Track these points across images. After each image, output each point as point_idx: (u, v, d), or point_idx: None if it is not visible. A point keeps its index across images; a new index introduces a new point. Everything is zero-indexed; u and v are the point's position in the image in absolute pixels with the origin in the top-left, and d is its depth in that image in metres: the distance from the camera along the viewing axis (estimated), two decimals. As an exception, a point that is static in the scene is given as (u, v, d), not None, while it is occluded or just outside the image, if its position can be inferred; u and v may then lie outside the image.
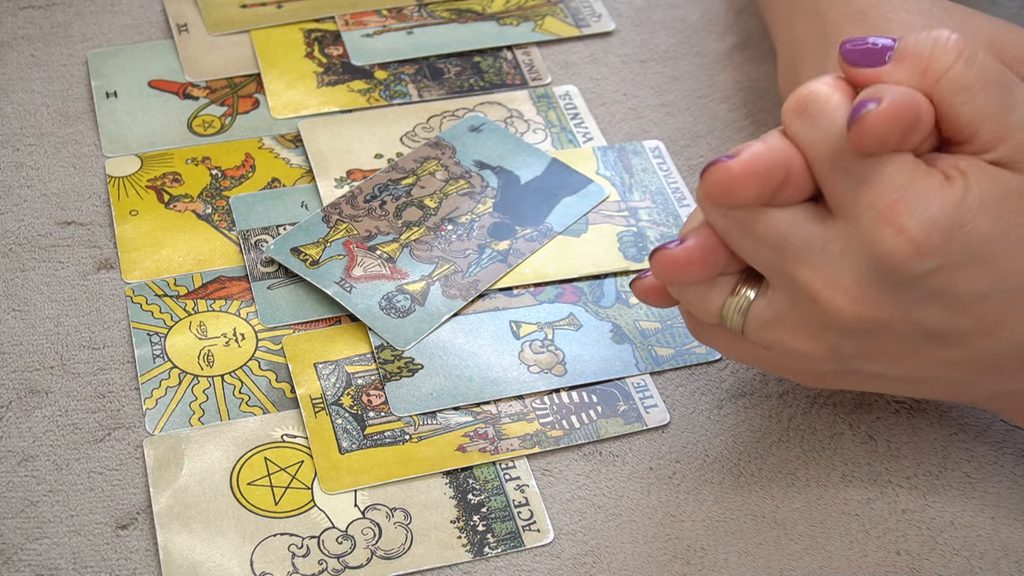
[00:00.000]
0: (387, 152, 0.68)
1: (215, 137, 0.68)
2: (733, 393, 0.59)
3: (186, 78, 0.71)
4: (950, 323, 0.45)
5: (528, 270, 0.62)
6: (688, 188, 0.67)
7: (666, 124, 0.71)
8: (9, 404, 0.56)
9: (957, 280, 0.43)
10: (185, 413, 0.56)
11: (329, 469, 0.54)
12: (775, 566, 0.52)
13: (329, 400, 0.57)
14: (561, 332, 0.60)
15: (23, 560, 0.51)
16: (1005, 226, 0.43)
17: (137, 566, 0.51)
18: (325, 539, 0.52)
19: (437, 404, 0.57)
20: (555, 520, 0.54)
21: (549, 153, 0.68)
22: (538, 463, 0.56)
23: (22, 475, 0.54)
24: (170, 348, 0.59)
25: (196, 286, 0.61)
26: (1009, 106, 0.44)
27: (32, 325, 0.59)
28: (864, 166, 0.43)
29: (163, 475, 0.54)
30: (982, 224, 0.43)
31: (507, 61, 0.73)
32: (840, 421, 0.58)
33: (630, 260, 0.63)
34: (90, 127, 0.68)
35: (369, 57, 0.73)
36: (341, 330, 0.60)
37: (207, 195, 0.65)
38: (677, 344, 0.60)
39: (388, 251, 0.62)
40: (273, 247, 0.62)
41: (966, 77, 0.43)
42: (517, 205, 0.65)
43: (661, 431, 0.57)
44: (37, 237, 0.63)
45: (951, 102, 0.43)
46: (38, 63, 0.72)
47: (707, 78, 0.74)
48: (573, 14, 0.76)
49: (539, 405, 0.57)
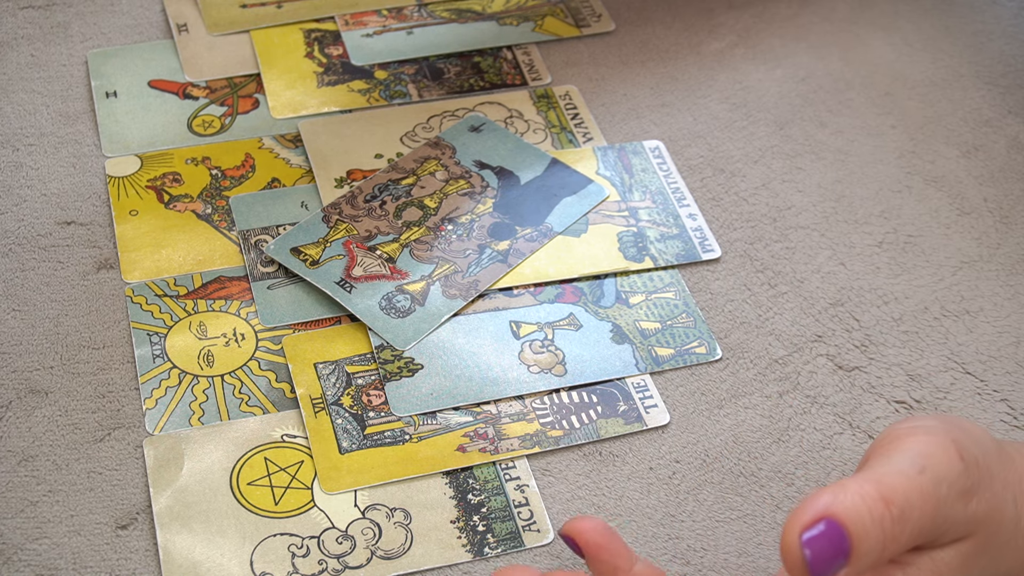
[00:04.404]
0: (387, 152, 0.68)
1: (215, 137, 0.68)
2: (733, 393, 0.59)
3: (186, 78, 0.71)
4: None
5: (528, 270, 0.62)
6: (688, 188, 0.67)
7: (666, 124, 0.71)
8: (9, 404, 0.56)
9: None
10: (185, 413, 0.56)
11: (329, 469, 0.54)
12: (775, 566, 0.52)
13: (329, 400, 0.57)
14: (561, 332, 0.60)
15: (23, 560, 0.51)
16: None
17: (137, 566, 0.51)
18: (325, 539, 0.52)
19: (437, 404, 0.57)
20: (555, 520, 0.54)
21: (549, 153, 0.68)
22: (538, 463, 0.56)
23: (22, 475, 0.54)
24: (170, 348, 0.59)
25: (196, 286, 0.61)
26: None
27: (32, 325, 0.59)
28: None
29: (163, 475, 0.54)
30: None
31: (507, 61, 0.73)
32: (840, 421, 0.58)
33: (630, 260, 0.63)
34: (90, 127, 0.68)
35: (369, 57, 0.73)
36: (341, 330, 0.60)
37: (207, 195, 0.65)
38: (677, 344, 0.60)
39: (388, 251, 0.62)
40: (273, 247, 0.62)
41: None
42: (517, 205, 0.65)
43: (661, 431, 0.57)
44: (37, 237, 0.63)
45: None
46: (38, 63, 0.72)
47: (707, 78, 0.74)
48: (573, 14, 0.76)
49: (539, 405, 0.57)
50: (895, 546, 0.41)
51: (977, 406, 0.59)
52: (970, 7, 0.80)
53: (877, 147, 0.70)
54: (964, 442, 0.43)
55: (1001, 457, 0.44)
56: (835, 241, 0.66)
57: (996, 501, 0.43)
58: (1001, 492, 0.43)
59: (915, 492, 0.41)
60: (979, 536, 0.43)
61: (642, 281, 0.63)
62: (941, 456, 0.42)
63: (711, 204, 0.67)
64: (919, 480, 0.41)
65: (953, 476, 0.42)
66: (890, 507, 0.41)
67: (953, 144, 0.71)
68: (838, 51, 0.76)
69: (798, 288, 0.63)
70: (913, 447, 0.42)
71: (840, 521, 0.40)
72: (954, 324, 0.62)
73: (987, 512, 0.43)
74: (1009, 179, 0.69)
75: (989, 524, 0.43)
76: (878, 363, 0.60)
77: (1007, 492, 0.44)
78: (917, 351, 0.61)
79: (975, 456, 0.43)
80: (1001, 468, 0.44)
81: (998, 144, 0.71)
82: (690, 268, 0.64)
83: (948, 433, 0.43)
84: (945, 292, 0.63)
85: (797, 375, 0.60)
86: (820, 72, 0.74)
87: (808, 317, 0.62)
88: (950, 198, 0.68)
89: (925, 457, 0.42)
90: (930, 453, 0.42)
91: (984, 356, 0.61)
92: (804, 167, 0.69)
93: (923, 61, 0.76)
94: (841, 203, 0.67)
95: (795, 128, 0.71)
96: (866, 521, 0.40)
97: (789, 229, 0.66)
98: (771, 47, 0.76)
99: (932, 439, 0.43)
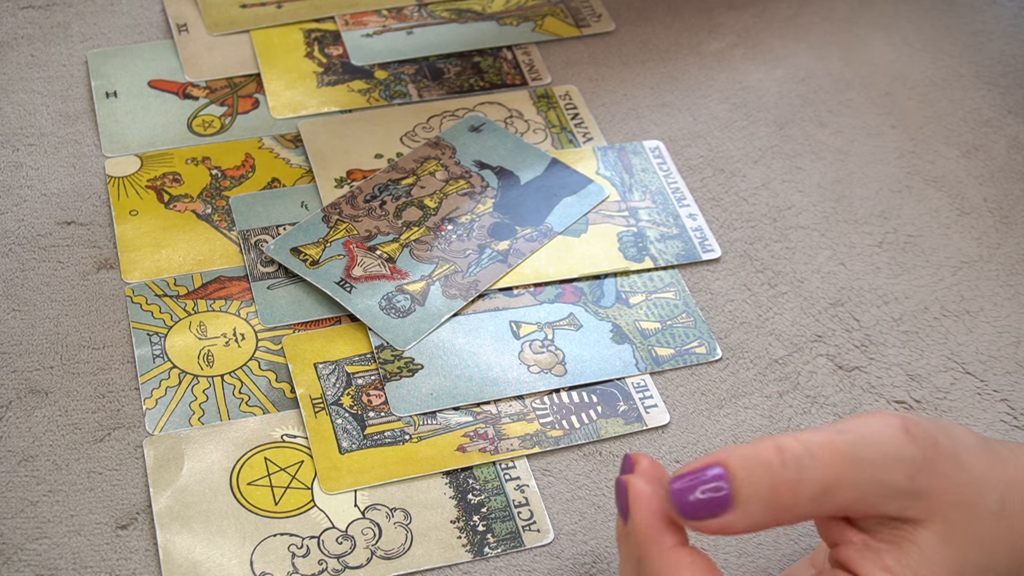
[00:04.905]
0: (387, 152, 0.68)
1: (215, 137, 0.68)
2: (733, 393, 0.59)
3: (186, 78, 0.71)
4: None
5: (528, 270, 0.62)
6: (688, 188, 0.67)
7: (666, 124, 0.71)
8: (9, 404, 0.56)
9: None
10: (185, 413, 0.56)
11: (329, 469, 0.54)
12: (775, 566, 0.53)
13: (329, 400, 0.57)
14: (561, 332, 0.60)
15: (23, 560, 0.51)
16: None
17: (137, 566, 0.51)
18: (325, 539, 0.52)
19: (437, 404, 0.57)
20: (555, 520, 0.54)
21: (549, 153, 0.68)
22: (538, 463, 0.56)
23: (22, 475, 0.54)
24: (170, 348, 0.59)
25: (196, 286, 0.61)
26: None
27: (32, 325, 0.59)
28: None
29: (163, 475, 0.54)
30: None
31: (507, 61, 0.73)
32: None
33: (630, 260, 0.63)
34: (90, 127, 0.68)
35: (369, 57, 0.73)
36: (341, 330, 0.60)
37: (207, 195, 0.65)
38: (677, 344, 0.60)
39: (388, 251, 0.62)
40: (273, 247, 0.62)
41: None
42: (517, 205, 0.65)
43: (661, 431, 0.57)
44: (37, 237, 0.63)
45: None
46: (38, 63, 0.72)
47: (707, 78, 0.74)
48: (573, 14, 0.76)
49: (539, 405, 0.57)
50: (791, 493, 0.41)
51: (977, 406, 0.59)
52: (970, 7, 0.80)
53: (877, 147, 0.70)
54: (919, 422, 0.43)
55: (986, 455, 0.44)
56: (835, 241, 0.66)
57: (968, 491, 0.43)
58: (978, 486, 0.43)
59: (823, 447, 0.41)
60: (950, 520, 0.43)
61: (642, 281, 0.63)
62: (876, 424, 0.42)
63: (711, 204, 0.67)
64: (834, 438, 0.42)
65: (888, 444, 0.42)
66: (782, 454, 0.41)
67: (953, 144, 0.71)
68: (838, 51, 0.76)
69: (798, 288, 0.63)
70: (855, 419, 0.43)
71: (724, 464, 0.41)
72: (954, 324, 0.62)
73: (945, 493, 0.43)
74: (1009, 179, 0.69)
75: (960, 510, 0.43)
76: (878, 363, 0.60)
77: (987, 488, 0.43)
78: (917, 351, 0.61)
79: (931, 435, 0.43)
80: (982, 464, 0.44)
81: (998, 144, 0.71)
82: (690, 268, 0.64)
83: (903, 415, 0.43)
84: (945, 292, 0.64)
85: (797, 375, 0.60)
86: (820, 72, 0.74)
87: (808, 317, 0.62)
88: (950, 198, 0.68)
89: (857, 423, 0.43)
90: (865, 422, 0.43)
91: (984, 356, 0.61)
92: (804, 167, 0.69)
93: (923, 61, 0.76)
94: (841, 203, 0.67)
95: (795, 128, 0.71)
96: (752, 464, 0.41)
97: (789, 229, 0.66)
98: (771, 47, 0.76)
99: (879, 415, 0.43)
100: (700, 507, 0.42)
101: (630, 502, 0.44)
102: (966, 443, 0.44)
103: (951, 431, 0.44)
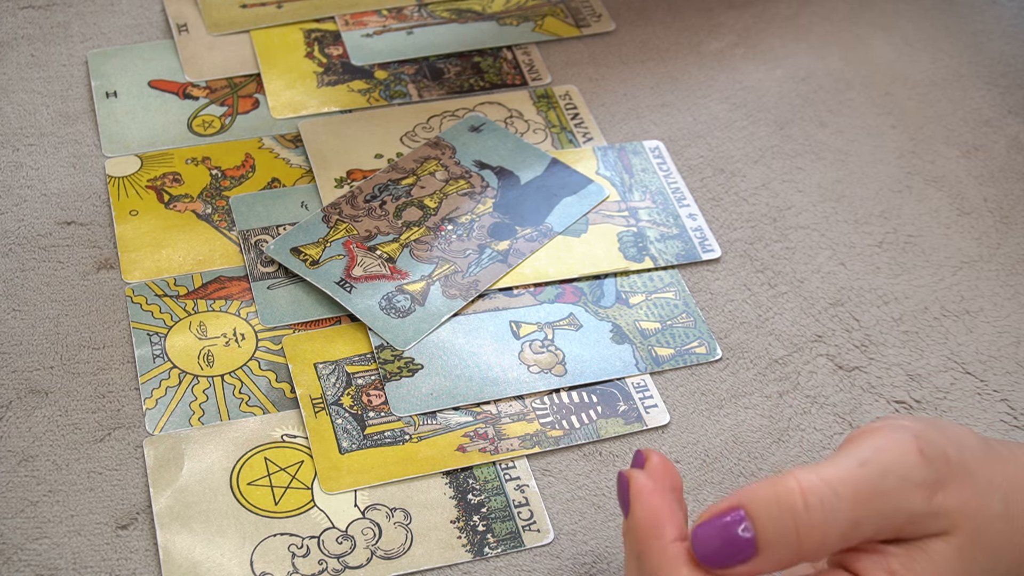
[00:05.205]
0: (387, 152, 0.68)
1: (215, 137, 0.68)
2: (733, 393, 0.59)
3: (186, 78, 0.71)
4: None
5: (528, 270, 0.62)
6: (688, 188, 0.67)
7: (666, 124, 0.71)
8: (9, 404, 0.56)
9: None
10: (185, 413, 0.56)
11: (329, 469, 0.54)
12: (775, 566, 0.53)
13: (329, 400, 0.57)
14: (561, 332, 0.60)
15: (23, 560, 0.51)
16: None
17: (137, 566, 0.51)
18: (325, 539, 0.52)
19: (437, 404, 0.57)
20: (555, 520, 0.54)
21: (549, 153, 0.68)
22: (538, 463, 0.56)
23: (22, 475, 0.54)
24: (170, 348, 0.59)
25: (196, 286, 0.61)
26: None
27: (32, 325, 0.59)
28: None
29: (163, 475, 0.54)
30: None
31: (507, 61, 0.73)
32: (840, 421, 0.58)
33: (630, 260, 0.63)
34: (90, 127, 0.68)
35: (369, 57, 0.73)
36: (341, 330, 0.60)
37: (207, 195, 0.65)
38: (677, 344, 0.60)
39: (388, 251, 0.62)
40: (273, 247, 0.62)
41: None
42: (517, 205, 0.65)
43: (661, 431, 0.57)
44: (37, 237, 0.63)
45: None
46: (38, 63, 0.72)
47: (707, 78, 0.74)
48: (573, 14, 0.76)
49: (539, 405, 0.57)
50: (815, 535, 0.41)
51: (977, 406, 0.59)
52: (970, 7, 0.80)
53: (877, 147, 0.70)
54: (931, 438, 0.43)
55: (988, 457, 0.44)
56: (835, 241, 0.66)
57: (977, 498, 0.43)
58: (985, 489, 0.43)
59: (846, 484, 0.41)
60: (965, 530, 0.43)
61: (642, 281, 0.63)
62: (894, 449, 0.42)
63: (711, 204, 0.67)
64: (856, 472, 0.41)
65: (906, 469, 0.42)
66: (806, 496, 0.41)
67: (953, 144, 0.71)
68: (838, 51, 0.76)
69: (798, 288, 0.63)
70: (868, 442, 0.43)
71: (746, 509, 0.41)
72: (954, 324, 0.62)
73: (961, 506, 0.43)
74: (1009, 179, 0.69)
75: (973, 519, 0.43)
76: (878, 363, 0.60)
77: (992, 490, 0.43)
78: (917, 351, 0.61)
79: (942, 451, 0.43)
80: (986, 467, 0.44)
81: (998, 144, 0.71)
82: (690, 268, 0.64)
83: (913, 430, 0.43)
84: (945, 292, 0.63)
85: (797, 375, 0.60)
86: (820, 72, 0.74)
87: (808, 317, 0.62)
88: (950, 198, 0.68)
89: (875, 451, 0.42)
90: (881, 447, 0.42)
91: (984, 356, 0.61)
92: (804, 167, 0.69)
93: (923, 61, 0.76)
94: (841, 203, 0.67)
95: (795, 128, 0.71)
96: (773, 510, 0.41)
97: (789, 229, 0.66)
98: (771, 47, 0.76)
99: (891, 435, 0.43)
100: (724, 556, 0.41)
101: (631, 496, 0.44)
102: (971, 447, 0.44)
103: (957, 438, 0.44)
